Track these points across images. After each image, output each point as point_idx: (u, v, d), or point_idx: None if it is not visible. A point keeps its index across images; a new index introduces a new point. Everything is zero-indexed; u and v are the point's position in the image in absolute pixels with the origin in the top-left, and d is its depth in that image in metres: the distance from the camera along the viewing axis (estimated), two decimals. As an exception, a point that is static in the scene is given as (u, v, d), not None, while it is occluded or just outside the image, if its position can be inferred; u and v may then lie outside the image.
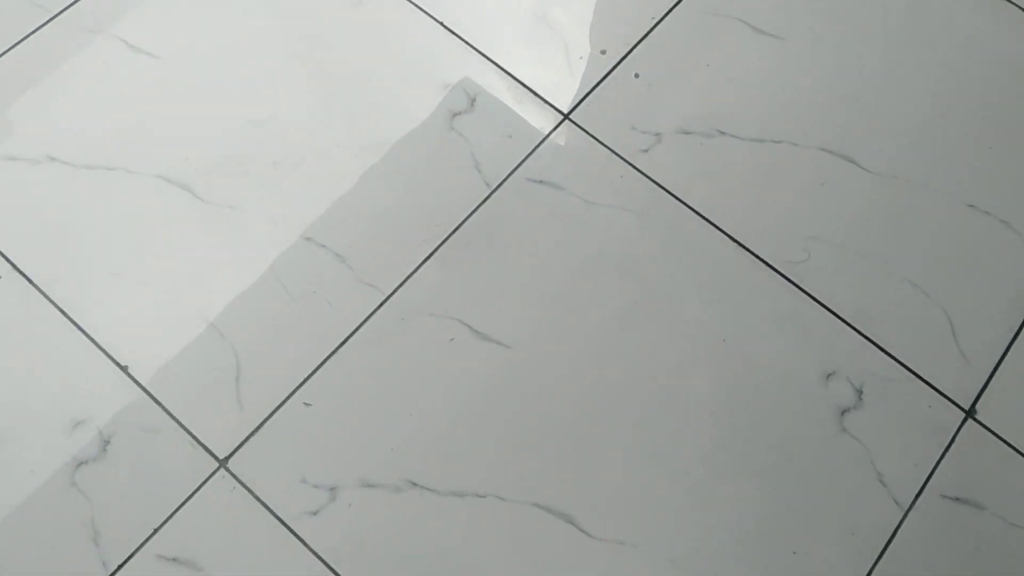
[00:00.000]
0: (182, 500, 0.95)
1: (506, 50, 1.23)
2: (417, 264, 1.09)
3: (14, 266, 1.04)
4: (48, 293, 1.03)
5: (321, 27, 1.22)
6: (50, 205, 1.08)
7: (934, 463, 1.04)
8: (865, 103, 1.23)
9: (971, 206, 1.17)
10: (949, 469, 1.03)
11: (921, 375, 1.08)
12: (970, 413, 1.06)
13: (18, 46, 1.18)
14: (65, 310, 1.02)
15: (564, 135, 1.18)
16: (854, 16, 1.29)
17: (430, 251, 1.10)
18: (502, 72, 1.22)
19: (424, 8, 1.25)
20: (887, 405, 1.06)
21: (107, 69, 1.17)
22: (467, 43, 1.23)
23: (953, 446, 1.04)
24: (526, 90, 1.21)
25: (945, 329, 1.11)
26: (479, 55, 1.22)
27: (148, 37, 1.20)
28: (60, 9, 1.20)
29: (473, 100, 1.19)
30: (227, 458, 0.97)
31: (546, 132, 1.18)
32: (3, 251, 1.05)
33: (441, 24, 1.24)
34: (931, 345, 1.10)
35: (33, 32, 1.19)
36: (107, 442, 0.97)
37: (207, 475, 0.96)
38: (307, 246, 1.09)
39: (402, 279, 1.08)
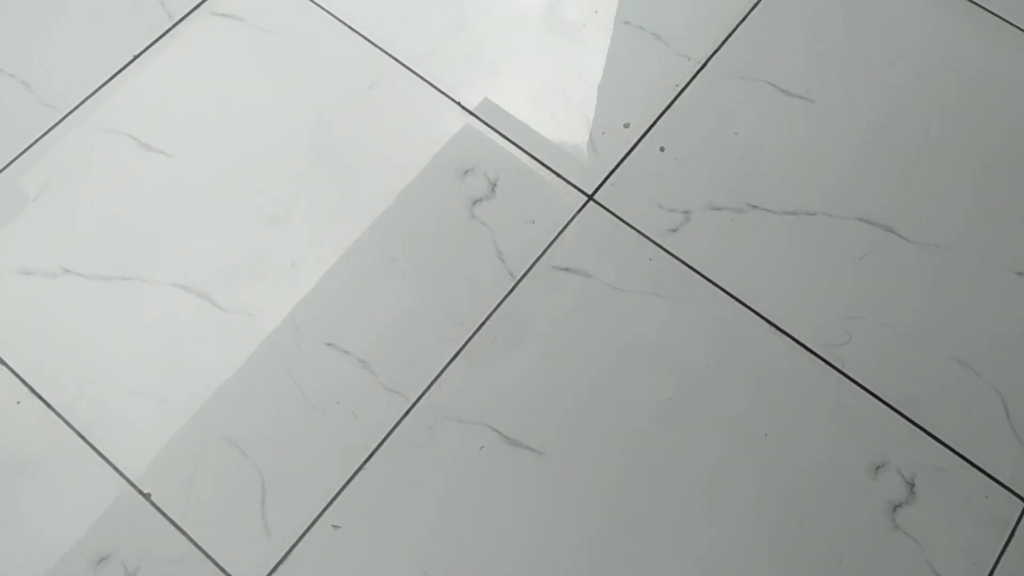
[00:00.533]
0: (210, 640, 0.92)
1: (526, 129, 1.19)
2: (442, 366, 1.05)
3: (32, 390, 1.02)
4: (67, 417, 1.01)
5: (335, 113, 1.19)
6: (67, 321, 1.06)
7: (994, 559, 0.98)
8: (903, 167, 1.17)
9: (1020, 274, 1.12)
10: (1011, 565, 0.98)
11: (976, 463, 1.03)
12: (1030, 505, 1.01)
13: (30, 150, 1.15)
14: (84, 435, 1.00)
15: (589, 217, 1.14)
16: (888, 73, 1.23)
17: (455, 351, 1.06)
18: (523, 152, 1.18)
19: (440, 88, 1.21)
20: (941, 497, 1.01)
21: (119, 170, 1.15)
22: (486, 123, 1.19)
23: (1013, 539, 0.99)
24: (548, 171, 1.17)
25: (998, 411, 1.05)
26: (498, 135, 1.18)
27: (160, 133, 1.17)
28: (70, 109, 1.18)
29: (494, 185, 1.15)
30: (255, 590, 0.95)
31: (570, 215, 1.14)
32: (20, 374, 1.02)
33: (458, 104, 1.20)
34: (984, 429, 1.04)
35: (44, 134, 1.16)
36: (132, 578, 0.94)
37: (235, 610, 0.93)
38: (329, 352, 1.05)
39: (428, 383, 1.04)
